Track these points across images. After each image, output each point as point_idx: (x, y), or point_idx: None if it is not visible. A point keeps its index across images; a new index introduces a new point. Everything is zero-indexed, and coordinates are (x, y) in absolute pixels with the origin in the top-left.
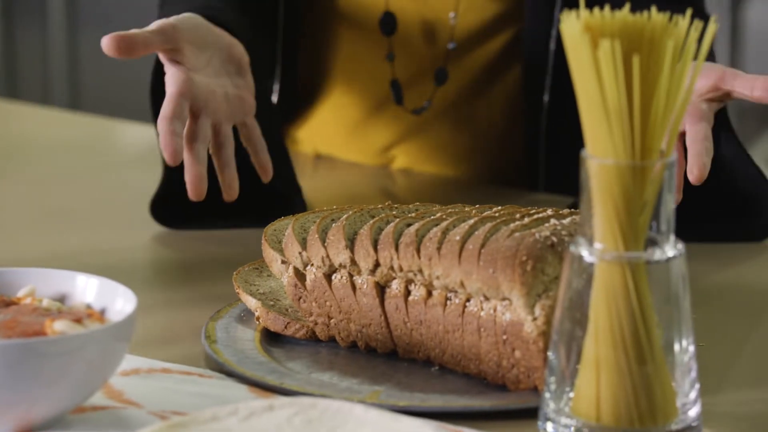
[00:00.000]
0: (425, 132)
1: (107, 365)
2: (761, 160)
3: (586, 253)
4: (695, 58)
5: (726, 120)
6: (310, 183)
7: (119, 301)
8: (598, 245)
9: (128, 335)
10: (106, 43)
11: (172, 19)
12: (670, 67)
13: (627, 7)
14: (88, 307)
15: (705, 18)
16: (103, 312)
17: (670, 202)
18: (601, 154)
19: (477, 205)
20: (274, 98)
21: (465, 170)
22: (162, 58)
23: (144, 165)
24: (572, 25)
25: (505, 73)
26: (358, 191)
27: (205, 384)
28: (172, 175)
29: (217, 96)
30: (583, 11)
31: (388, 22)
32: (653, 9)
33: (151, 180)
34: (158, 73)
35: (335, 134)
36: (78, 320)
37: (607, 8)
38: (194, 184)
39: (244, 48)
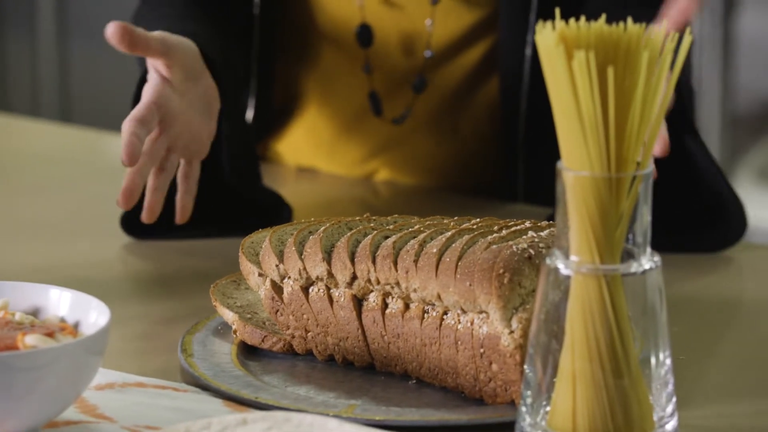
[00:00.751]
0: (405, 143)
1: (80, 379)
2: (753, 171)
3: (562, 266)
4: (671, 69)
5: (691, 123)
6: (291, 195)
7: (93, 315)
8: (574, 258)
9: (101, 349)
10: (112, 30)
11: (174, 37)
12: (645, 79)
13: (603, 18)
14: (62, 320)
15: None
16: (76, 325)
17: (647, 214)
18: (576, 166)
19: (455, 217)
20: (250, 113)
21: (445, 181)
22: (151, 67)
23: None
24: (547, 37)
25: (484, 83)
26: (339, 203)
27: (179, 398)
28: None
29: (183, 123)
30: (559, 22)
31: (365, 34)
32: (629, 20)
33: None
34: (142, 85)
35: (315, 147)
36: (50, 334)
37: (582, 19)
38: (127, 194)
39: (219, 73)
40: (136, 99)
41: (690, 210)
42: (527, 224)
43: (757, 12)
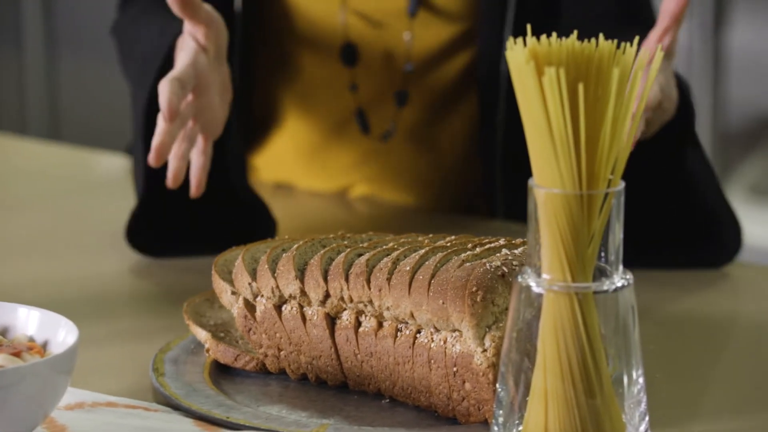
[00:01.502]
0: (385, 157)
1: (48, 399)
2: (744, 187)
3: (533, 284)
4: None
5: (693, 135)
6: None
7: (61, 334)
8: (545, 275)
9: (69, 368)
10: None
11: (216, 12)
12: (616, 96)
13: (574, 35)
14: (30, 339)
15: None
16: (45, 344)
17: (619, 231)
18: (547, 183)
19: (430, 235)
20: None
21: (425, 197)
22: (188, 33)
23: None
24: (517, 54)
25: (464, 97)
26: (316, 221)
27: (150, 418)
28: (149, 200)
29: (210, 97)
30: (530, 39)
31: (350, 52)
32: (601, 36)
33: (115, 209)
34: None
35: (294, 162)
36: (17, 354)
37: (554, 36)
38: (157, 149)
39: None
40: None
41: (686, 224)
42: (501, 242)
43: (748, 25)
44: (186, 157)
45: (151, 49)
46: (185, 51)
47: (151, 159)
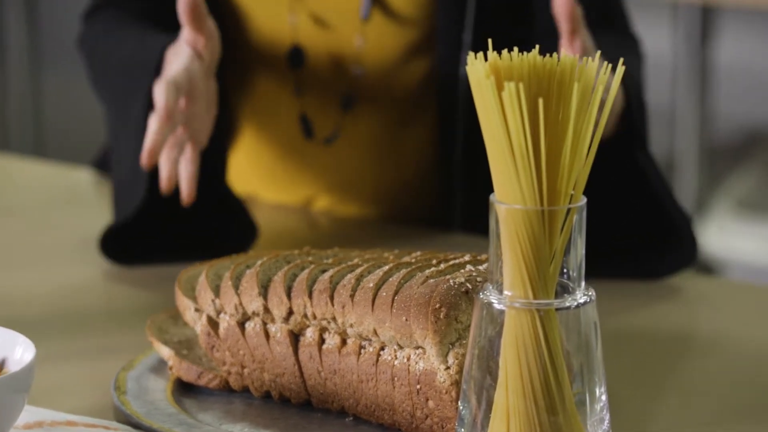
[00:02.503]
0: (343, 167)
1: (4, 418)
2: (731, 202)
3: (495, 301)
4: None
5: (643, 140)
6: None
7: (18, 351)
8: (507, 292)
9: (25, 386)
10: (185, 3)
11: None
12: (577, 111)
13: (536, 49)
14: None
15: (633, 40)
16: (3, 362)
17: (581, 247)
18: (508, 199)
19: (396, 251)
20: None
21: (384, 208)
22: (184, 40)
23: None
24: (477, 68)
25: (423, 106)
26: (278, 234)
27: None
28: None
29: (199, 106)
30: (491, 53)
31: (296, 55)
32: (563, 51)
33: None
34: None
35: (255, 172)
36: None
37: (515, 50)
38: (149, 149)
39: None
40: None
41: (641, 231)
42: (466, 258)
43: (735, 39)
44: (176, 162)
45: (135, 60)
46: (180, 56)
47: (144, 159)
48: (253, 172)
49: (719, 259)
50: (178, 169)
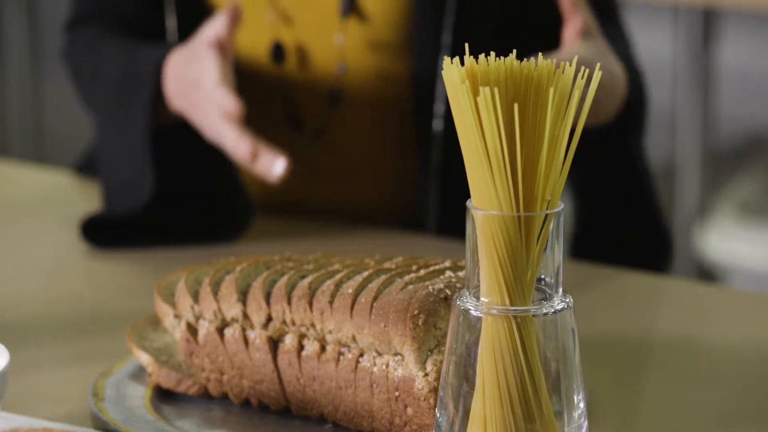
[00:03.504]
0: (323, 165)
1: None
2: (734, 206)
3: (472, 307)
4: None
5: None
6: None
7: None
8: (484, 299)
9: None
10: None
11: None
12: (553, 116)
13: (513, 53)
14: None
15: (624, 38)
16: None
17: (558, 253)
18: (484, 204)
19: (377, 256)
20: None
21: (362, 209)
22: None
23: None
24: (453, 73)
25: (402, 109)
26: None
27: None
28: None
29: None
30: (467, 58)
31: (278, 51)
32: (540, 56)
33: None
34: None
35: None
36: None
37: (492, 55)
38: (250, 146)
39: None
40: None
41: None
42: (447, 264)
43: (737, 42)
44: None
45: (130, 71)
46: (209, 60)
47: (247, 161)
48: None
49: (721, 264)
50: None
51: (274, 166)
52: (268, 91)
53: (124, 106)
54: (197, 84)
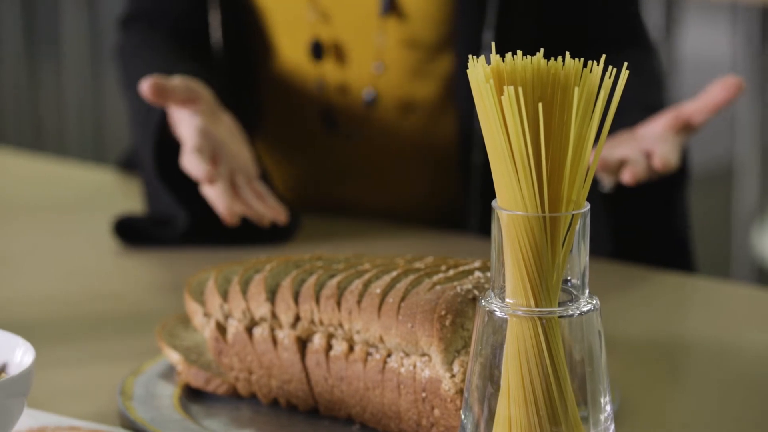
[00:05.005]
0: (362, 166)
1: (2, 422)
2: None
3: (497, 308)
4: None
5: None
6: None
7: (18, 355)
8: (509, 300)
9: (23, 391)
10: (146, 87)
11: (191, 79)
12: (578, 116)
13: (541, 53)
14: None
15: (647, 44)
16: (5, 367)
17: (584, 254)
18: (509, 205)
19: (408, 256)
20: None
21: (402, 210)
22: (177, 109)
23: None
24: (477, 72)
25: (443, 108)
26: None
27: None
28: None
29: (230, 148)
30: (494, 57)
31: (317, 49)
32: (567, 55)
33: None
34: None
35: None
36: None
37: (519, 54)
38: (227, 212)
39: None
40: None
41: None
42: (476, 264)
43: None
44: (248, 203)
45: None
46: (184, 123)
47: (229, 220)
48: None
49: None
50: (249, 207)
51: (257, 222)
52: (305, 90)
53: (141, 129)
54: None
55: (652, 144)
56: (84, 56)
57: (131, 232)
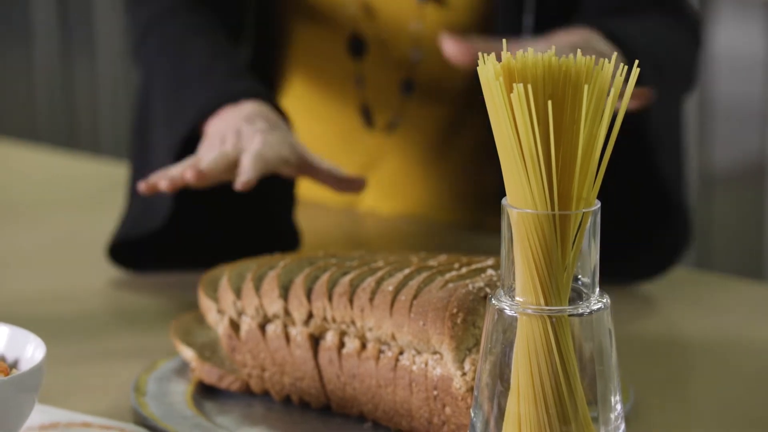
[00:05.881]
0: (393, 161)
1: (11, 418)
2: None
3: (507, 307)
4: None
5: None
6: None
7: (29, 350)
8: (519, 298)
9: (34, 386)
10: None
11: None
12: (588, 113)
13: (553, 49)
14: (2, 358)
15: (690, 21)
16: (16, 362)
17: (595, 252)
18: (519, 203)
19: (422, 253)
20: None
21: (431, 208)
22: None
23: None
24: (487, 68)
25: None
26: (322, 235)
27: None
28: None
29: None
30: (505, 54)
31: (357, 44)
32: (579, 53)
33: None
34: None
35: None
36: None
37: (530, 50)
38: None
39: None
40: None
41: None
42: (489, 262)
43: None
44: None
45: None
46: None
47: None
48: None
49: None
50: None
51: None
52: (343, 86)
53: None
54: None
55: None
56: (118, 54)
57: (129, 255)
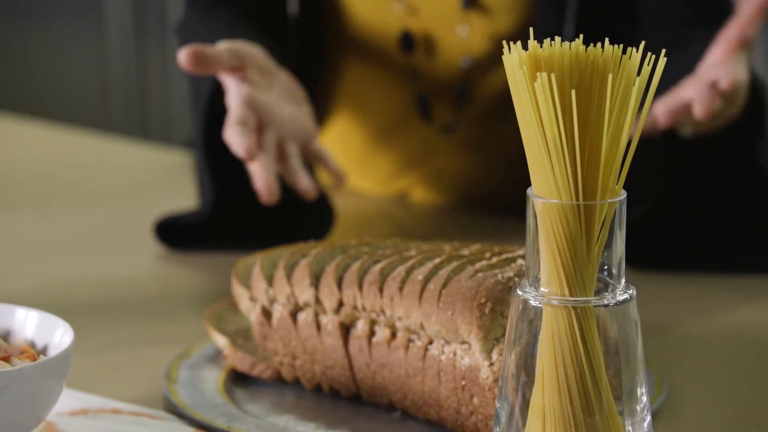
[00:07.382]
0: (439, 155)
1: (40, 403)
2: None
3: (531, 297)
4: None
5: (762, 131)
6: None
7: (58, 336)
8: (544, 289)
9: (62, 372)
10: (184, 56)
11: (238, 42)
12: (614, 103)
13: (580, 38)
14: (31, 343)
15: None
16: (46, 348)
17: (621, 243)
18: (544, 193)
19: (456, 243)
20: None
21: (476, 199)
22: (225, 76)
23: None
24: (512, 57)
25: None
26: (365, 224)
27: (153, 426)
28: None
29: (280, 114)
30: (531, 43)
31: (407, 40)
32: (606, 41)
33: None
34: (214, 97)
35: (346, 159)
36: (5, 358)
37: (558, 39)
38: (265, 188)
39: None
40: (212, 110)
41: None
42: (520, 252)
43: None
44: (291, 173)
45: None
46: (231, 93)
47: (265, 198)
48: (345, 156)
49: None
50: (291, 177)
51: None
52: (396, 80)
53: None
54: None
55: (714, 73)
56: (129, 34)
57: (174, 235)
